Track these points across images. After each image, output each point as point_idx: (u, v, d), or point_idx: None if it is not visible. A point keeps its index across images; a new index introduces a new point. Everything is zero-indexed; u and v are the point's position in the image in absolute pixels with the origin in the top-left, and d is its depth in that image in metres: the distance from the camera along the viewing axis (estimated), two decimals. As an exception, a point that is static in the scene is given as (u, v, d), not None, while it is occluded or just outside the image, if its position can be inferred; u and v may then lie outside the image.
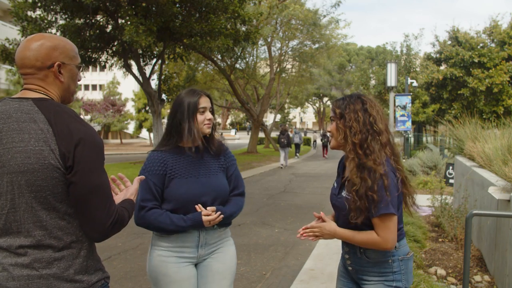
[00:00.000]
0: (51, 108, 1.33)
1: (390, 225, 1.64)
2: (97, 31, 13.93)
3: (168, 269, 1.95)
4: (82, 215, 1.33)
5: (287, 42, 25.35)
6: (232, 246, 2.15)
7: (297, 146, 22.04)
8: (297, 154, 21.98)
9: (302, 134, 34.39)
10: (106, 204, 1.34)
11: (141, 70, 15.54)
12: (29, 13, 13.20)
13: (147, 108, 33.73)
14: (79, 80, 1.50)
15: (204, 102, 2.01)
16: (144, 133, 42.48)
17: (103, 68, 17.23)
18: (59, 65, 1.38)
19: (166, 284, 1.95)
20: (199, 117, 1.98)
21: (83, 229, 1.35)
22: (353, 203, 1.67)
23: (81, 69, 1.48)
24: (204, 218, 1.91)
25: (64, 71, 1.40)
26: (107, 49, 15.11)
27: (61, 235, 1.32)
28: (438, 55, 19.81)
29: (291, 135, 20.47)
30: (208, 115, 2.01)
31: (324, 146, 22.56)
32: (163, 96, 17.39)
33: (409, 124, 14.20)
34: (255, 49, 24.54)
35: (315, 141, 32.94)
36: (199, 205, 1.96)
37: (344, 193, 1.78)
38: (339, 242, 1.89)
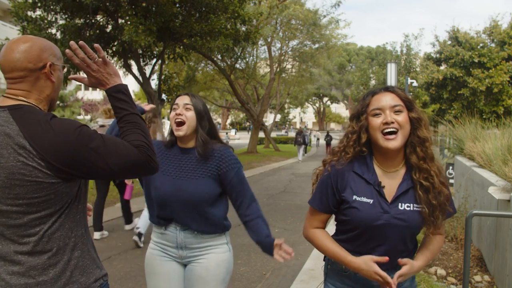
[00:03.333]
0: (26, 118, 1.26)
1: None
2: (97, 31, 13.92)
3: (153, 262, 2.06)
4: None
5: (287, 42, 25.34)
6: (224, 253, 2.06)
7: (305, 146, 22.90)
8: (304, 154, 22.47)
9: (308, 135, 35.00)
10: (120, 146, 1.30)
11: (141, 70, 15.54)
12: (29, 13, 13.19)
13: (147, 108, 33.63)
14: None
15: (178, 99, 2.02)
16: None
17: (103, 68, 17.20)
18: (51, 65, 1.36)
19: (148, 275, 2.08)
20: (171, 114, 2.00)
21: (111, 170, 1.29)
22: (430, 214, 1.49)
23: (64, 68, 1.45)
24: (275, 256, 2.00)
25: (54, 71, 1.38)
26: (107, 49, 15.09)
27: (54, 240, 1.30)
28: (438, 55, 19.80)
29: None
30: (179, 110, 1.96)
31: (328, 144, 23.50)
32: (163, 96, 17.38)
33: (409, 124, 14.17)
34: (255, 49, 24.53)
35: (318, 139, 33.53)
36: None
37: (406, 206, 1.51)
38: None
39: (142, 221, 5.05)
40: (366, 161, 1.57)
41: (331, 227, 1.71)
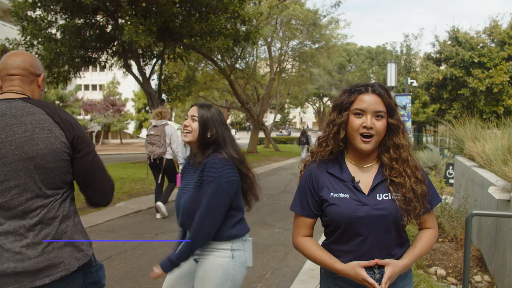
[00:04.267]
0: (42, 102, 1.60)
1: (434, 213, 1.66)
2: (97, 31, 13.92)
3: None
4: (88, 188, 1.67)
5: (287, 42, 25.34)
6: (223, 258, 2.04)
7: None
8: (307, 152, 22.38)
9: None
10: (106, 173, 1.71)
11: (141, 70, 15.54)
12: (29, 13, 13.19)
13: (147, 108, 33.72)
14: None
15: (189, 111, 2.16)
16: (144, 133, 42.46)
17: (103, 68, 17.22)
18: (43, 77, 1.72)
19: None
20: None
21: (92, 198, 1.70)
22: (407, 203, 1.53)
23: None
24: None
25: (43, 82, 1.73)
26: (107, 49, 15.10)
27: (63, 210, 1.57)
28: (438, 55, 19.81)
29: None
30: (186, 122, 2.13)
31: None
32: (163, 96, 17.39)
33: (409, 124, 14.19)
34: (255, 49, 24.53)
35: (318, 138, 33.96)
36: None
37: (384, 196, 1.55)
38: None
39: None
40: (338, 160, 1.63)
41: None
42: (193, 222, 1.98)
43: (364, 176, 1.59)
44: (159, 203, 6.43)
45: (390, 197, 1.55)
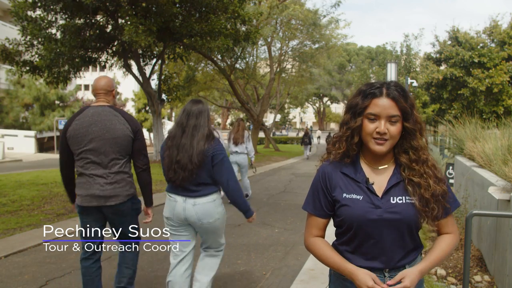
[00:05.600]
0: (118, 109, 3.03)
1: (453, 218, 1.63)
2: (97, 31, 13.90)
3: None
4: (138, 156, 3.08)
5: (287, 42, 25.33)
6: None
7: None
8: (310, 151, 23.38)
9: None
10: (146, 151, 3.14)
11: (141, 70, 15.53)
12: (29, 13, 13.17)
13: (147, 108, 33.68)
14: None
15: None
16: (144, 133, 42.43)
17: (103, 68, 17.20)
18: (114, 91, 3.14)
19: None
20: None
21: (138, 164, 3.11)
22: (424, 205, 1.50)
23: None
24: None
25: (115, 93, 3.15)
26: (107, 49, 15.08)
27: (127, 168, 3.04)
28: (438, 55, 19.81)
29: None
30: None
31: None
32: (163, 96, 17.37)
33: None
34: (255, 49, 24.52)
35: (319, 137, 34.24)
36: None
37: (398, 199, 1.53)
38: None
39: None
40: (353, 161, 1.60)
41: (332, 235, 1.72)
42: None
43: (379, 178, 1.57)
44: None
45: (404, 201, 1.52)
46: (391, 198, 1.53)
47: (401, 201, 1.52)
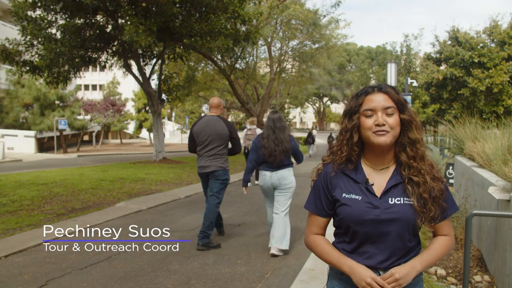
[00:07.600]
0: (222, 118, 5.24)
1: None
2: (97, 31, 13.91)
3: None
4: (234, 147, 5.32)
5: (287, 42, 25.34)
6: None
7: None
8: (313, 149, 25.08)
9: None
10: (240, 144, 5.41)
11: (141, 70, 15.54)
12: (29, 13, 13.18)
13: (147, 108, 33.68)
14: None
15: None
16: (144, 133, 42.42)
17: (103, 68, 17.23)
18: (222, 105, 5.43)
19: None
20: None
21: (235, 151, 5.34)
22: (422, 205, 1.51)
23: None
24: None
25: (221, 107, 5.43)
26: (107, 49, 15.09)
27: (224, 151, 5.24)
28: (438, 55, 19.82)
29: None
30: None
31: (330, 145, 24.15)
32: (163, 96, 17.38)
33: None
34: (255, 49, 24.53)
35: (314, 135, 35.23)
36: None
37: (396, 200, 1.54)
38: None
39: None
40: (354, 161, 1.62)
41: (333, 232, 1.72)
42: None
43: (379, 179, 1.58)
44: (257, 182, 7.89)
45: (402, 201, 1.53)
46: (390, 199, 1.54)
47: (399, 202, 1.54)
